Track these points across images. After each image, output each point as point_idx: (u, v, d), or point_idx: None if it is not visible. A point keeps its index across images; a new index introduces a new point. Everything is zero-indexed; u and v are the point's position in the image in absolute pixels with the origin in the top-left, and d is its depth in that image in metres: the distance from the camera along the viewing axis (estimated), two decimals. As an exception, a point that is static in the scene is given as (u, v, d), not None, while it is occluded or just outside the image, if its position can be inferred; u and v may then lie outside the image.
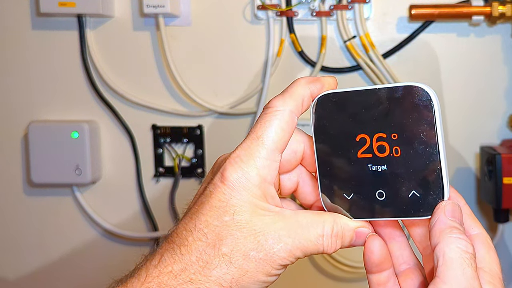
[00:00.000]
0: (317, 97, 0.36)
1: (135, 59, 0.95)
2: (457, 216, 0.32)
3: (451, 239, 0.31)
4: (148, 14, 0.91)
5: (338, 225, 0.35)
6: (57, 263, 1.02)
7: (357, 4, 0.88)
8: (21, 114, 0.98)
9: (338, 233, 0.35)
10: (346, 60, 0.92)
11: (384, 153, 0.34)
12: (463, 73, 0.91)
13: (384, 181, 0.34)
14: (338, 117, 0.35)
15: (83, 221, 1.00)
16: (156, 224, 0.98)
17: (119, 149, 0.98)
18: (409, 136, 0.33)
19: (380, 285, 0.37)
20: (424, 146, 0.33)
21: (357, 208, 0.36)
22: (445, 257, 0.30)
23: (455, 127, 0.92)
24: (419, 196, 0.34)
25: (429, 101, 0.33)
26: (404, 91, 0.34)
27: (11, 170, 1.00)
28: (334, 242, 0.35)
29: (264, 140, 0.35)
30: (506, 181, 0.81)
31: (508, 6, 0.84)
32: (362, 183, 0.35)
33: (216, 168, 0.38)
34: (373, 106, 0.34)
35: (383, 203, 0.35)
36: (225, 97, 0.95)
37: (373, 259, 0.36)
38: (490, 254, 0.34)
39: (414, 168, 0.34)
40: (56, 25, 0.95)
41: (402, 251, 0.37)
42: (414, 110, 0.33)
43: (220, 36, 0.93)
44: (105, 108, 0.96)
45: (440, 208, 0.32)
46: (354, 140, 0.35)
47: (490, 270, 0.33)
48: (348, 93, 0.35)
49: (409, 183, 0.34)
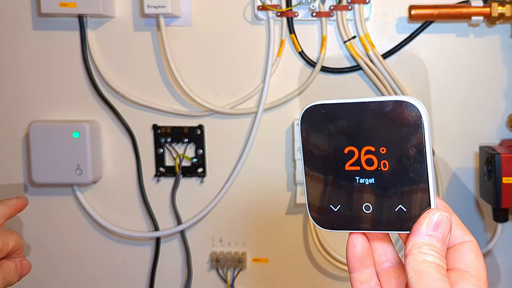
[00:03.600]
0: (305, 108, 0.36)
1: (136, 59, 0.96)
2: (440, 230, 0.33)
3: (419, 254, 0.32)
4: (148, 15, 0.91)
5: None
6: (57, 263, 1.02)
7: (357, 4, 0.88)
8: (22, 114, 0.98)
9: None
10: (346, 60, 0.92)
11: (372, 167, 0.34)
12: (462, 73, 0.91)
13: (371, 195, 0.35)
14: (326, 129, 0.35)
15: (84, 221, 1.01)
16: (157, 224, 0.99)
17: (120, 149, 0.98)
18: (397, 151, 0.34)
19: (362, 284, 0.37)
20: (412, 162, 0.33)
21: (343, 220, 0.36)
22: (414, 269, 0.32)
23: (454, 127, 0.92)
24: (406, 210, 0.34)
25: (419, 117, 0.33)
26: (394, 105, 0.33)
27: (12, 170, 1.00)
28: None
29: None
30: (505, 181, 0.81)
31: (507, 7, 0.84)
32: (349, 196, 0.35)
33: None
34: (362, 119, 0.34)
35: (370, 216, 0.35)
36: (226, 97, 0.95)
37: (356, 253, 0.37)
38: (478, 260, 0.34)
39: (401, 183, 0.34)
40: (57, 25, 0.95)
41: (385, 249, 0.38)
42: (404, 125, 0.33)
43: (220, 36, 0.94)
44: (106, 108, 0.97)
45: (423, 219, 0.33)
46: (342, 152, 0.35)
47: (477, 275, 0.34)
48: (337, 105, 0.35)
49: (396, 198, 0.34)
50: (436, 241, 0.33)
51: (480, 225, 0.95)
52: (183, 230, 0.99)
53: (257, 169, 0.96)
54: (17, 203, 0.67)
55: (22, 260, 0.65)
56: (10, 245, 0.61)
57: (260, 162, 0.95)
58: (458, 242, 0.35)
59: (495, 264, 0.95)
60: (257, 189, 0.97)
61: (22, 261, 0.64)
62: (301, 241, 0.98)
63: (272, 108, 0.94)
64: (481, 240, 0.94)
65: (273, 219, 0.97)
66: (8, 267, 0.61)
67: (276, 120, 0.94)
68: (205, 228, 0.99)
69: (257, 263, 0.99)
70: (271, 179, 0.95)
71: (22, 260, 0.65)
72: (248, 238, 0.99)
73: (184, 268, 1.01)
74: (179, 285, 1.02)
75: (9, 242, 0.62)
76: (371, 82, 0.91)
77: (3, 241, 0.61)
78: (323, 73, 0.93)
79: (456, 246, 0.35)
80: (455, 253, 0.35)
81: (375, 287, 0.37)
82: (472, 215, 0.94)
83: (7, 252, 0.62)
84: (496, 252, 0.94)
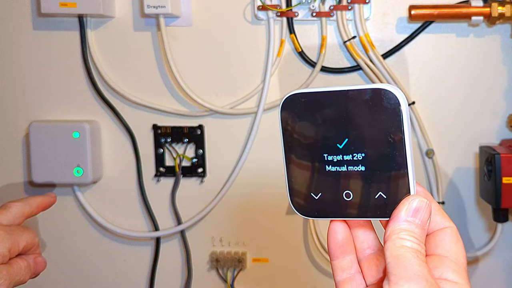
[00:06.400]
0: (285, 97, 0.36)
1: (136, 59, 0.96)
2: (420, 216, 0.33)
3: (397, 240, 0.32)
4: (148, 15, 0.91)
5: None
6: (57, 263, 1.02)
7: (357, 4, 0.89)
8: (22, 114, 0.98)
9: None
10: (346, 60, 0.92)
11: (351, 154, 0.34)
12: (462, 73, 0.91)
13: (351, 182, 0.35)
14: (306, 117, 0.35)
15: (84, 221, 1.01)
16: (157, 224, 0.99)
17: (120, 149, 0.98)
18: (376, 138, 0.34)
19: (343, 271, 0.38)
20: (391, 149, 0.33)
21: (324, 208, 0.36)
22: (393, 254, 0.32)
23: (454, 127, 0.92)
24: (386, 197, 0.34)
25: (397, 105, 0.33)
26: (373, 93, 0.33)
27: (12, 170, 1.00)
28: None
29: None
30: (505, 181, 0.81)
31: (507, 7, 0.84)
32: (329, 184, 0.35)
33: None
34: (342, 107, 0.34)
35: (350, 203, 0.35)
36: (226, 97, 0.95)
37: (337, 240, 0.37)
38: (457, 245, 0.35)
39: (381, 170, 0.34)
40: (57, 25, 0.95)
41: (366, 236, 0.38)
42: (382, 113, 0.33)
43: (220, 36, 0.94)
44: (106, 108, 0.97)
45: (403, 205, 0.33)
46: (322, 140, 0.35)
47: (456, 259, 0.34)
48: (317, 94, 0.35)
49: (376, 185, 0.34)
50: (415, 227, 0.33)
51: (480, 225, 0.95)
52: (183, 230, 0.99)
53: (257, 169, 0.96)
54: (41, 201, 0.67)
55: (36, 257, 0.64)
56: (21, 245, 0.61)
57: (260, 162, 0.95)
58: (438, 228, 0.36)
59: (495, 264, 0.95)
60: (257, 189, 0.97)
61: (36, 258, 0.64)
62: (301, 241, 0.98)
63: (272, 108, 0.94)
64: (481, 240, 0.94)
65: (273, 219, 0.97)
66: (19, 266, 0.61)
67: (276, 120, 0.94)
68: (205, 228, 0.99)
69: (257, 263, 0.99)
70: (271, 179, 0.95)
71: (36, 257, 0.64)
72: (248, 238, 0.99)
73: (184, 268, 1.01)
74: (179, 285, 1.02)
75: (19, 241, 0.61)
76: (371, 82, 0.91)
77: (12, 241, 0.60)
78: (323, 73, 0.93)
79: (436, 232, 0.35)
80: (435, 239, 0.35)
81: (356, 274, 0.38)
82: (472, 215, 0.94)
83: (18, 251, 0.61)
84: (496, 252, 0.94)
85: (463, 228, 0.94)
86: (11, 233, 0.60)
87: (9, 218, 0.62)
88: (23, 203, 0.65)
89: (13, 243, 0.60)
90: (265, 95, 0.92)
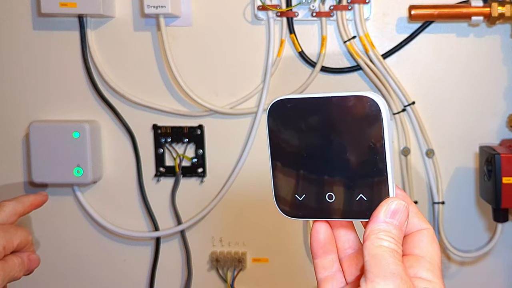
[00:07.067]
0: (272, 102, 0.37)
1: (136, 59, 0.96)
2: (398, 217, 0.35)
3: (376, 240, 0.34)
4: (148, 15, 0.91)
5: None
6: (57, 263, 1.02)
7: (357, 4, 0.89)
8: (22, 114, 0.98)
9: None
10: (346, 60, 0.92)
11: (334, 158, 0.36)
12: (462, 73, 0.91)
13: (333, 185, 0.36)
14: (291, 122, 0.37)
15: (84, 221, 1.01)
16: (157, 224, 0.99)
17: (120, 149, 0.98)
18: (358, 143, 0.35)
19: (325, 269, 0.39)
20: (372, 154, 0.35)
21: (308, 209, 0.37)
22: (370, 253, 0.33)
23: (454, 127, 0.92)
24: (366, 199, 0.35)
25: (378, 112, 0.34)
26: (356, 100, 0.35)
27: (12, 170, 1.00)
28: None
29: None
30: (505, 181, 0.81)
31: (507, 7, 0.84)
32: (313, 186, 0.37)
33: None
34: (326, 113, 0.36)
35: (333, 205, 0.37)
36: (226, 97, 0.95)
37: (319, 240, 0.39)
38: (432, 246, 0.37)
39: (362, 174, 0.35)
40: (57, 25, 0.95)
41: (348, 236, 0.40)
42: (364, 119, 0.35)
43: (220, 36, 0.94)
44: (106, 108, 0.97)
45: (381, 207, 0.35)
46: (307, 144, 0.37)
47: (430, 259, 0.36)
48: (302, 100, 0.36)
49: (357, 187, 0.36)
50: (393, 228, 0.34)
51: (480, 225, 0.95)
52: (183, 230, 0.99)
53: (257, 169, 0.96)
54: (33, 200, 0.69)
55: (30, 254, 0.66)
56: (15, 242, 0.63)
57: (260, 162, 0.95)
58: (416, 230, 0.37)
59: (495, 264, 0.95)
60: (257, 189, 0.97)
61: (30, 256, 0.65)
62: (301, 241, 0.98)
63: (272, 108, 0.94)
64: (481, 240, 0.94)
65: (273, 219, 0.97)
66: (13, 262, 0.63)
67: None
68: (205, 228, 0.99)
69: (257, 263, 0.99)
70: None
71: (30, 254, 0.66)
72: (248, 238, 0.99)
73: (184, 268, 1.01)
74: (179, 285, 1.02)
75: (13, 239, 0.63)
76: (371, 82, 0.91)
77: (7, 239, 0.62)
78: (323, 73, 0.93)
79: (414, 233, 0.37)
80: (413, 240, 0.37)
81: (337, 272, 0.39)
82: (472, 215, 0.94)
83: (12, 249, 0.63)
84: (496, 252, 0.94)
85: (463, 228, 0.94)
86: (6, 231, 0.62)
87: (3, 217, 0.64)
88: (16, 202, 0.67)
89: (8, 241, 0.62)
90: (265, 95, 0.92)
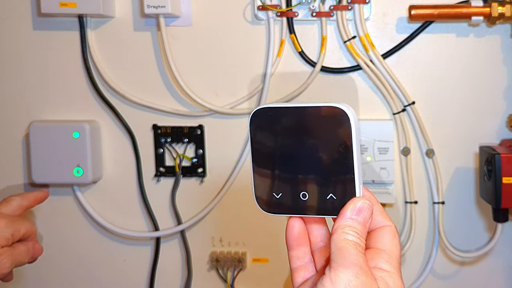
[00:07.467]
0: (253, 111, 0.41)
1: (136, 59, 0.96)
2: (362, 215, 0.39)
3: (342, 234, 0.38)
4: (148, 15, 0.91)
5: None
6: (57, 263, 1.02)
7: (357, 4, 0.89)
8: (22, 114, 0.98)
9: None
10: (346, 60, 0.92)
11: (308, 161, 0.40)
12: (462, 73, 0.91)
13: (307, 185, 0.41)
14: (271, 128, 0.41)
15: (84, 221, 1.01)
16: (157, 224, 0.99)
17: (120, 149, 0.98)
18: (329, 148, 0.40)
19: (299, 259, 0.44)
20: (341, 158, 0.39)
21: (284, 206, 0.42)
22: (336, 245, 0.38)
23: (454, 127, 0.92)
24: (336, 198, 0.40)
25: (347, 120, 0.39)
26: (328, 110, 0.39)
27: (12, 170, 1.00)
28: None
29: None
30: (505, 181, 0.81)
31: (507, 7, 0.84)
32: (289, 186, 0.41)
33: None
34: (302, 121, 0.40)
35: (306, 203, 0.41)
36: (226, 97, 0.95)
37: (293, 233, 0.43)
38: (393, 241, 0.41)
39: (332, 175, 0.40)
40: (57, 25, 0.96)
41: (320, 231, 0.44)
42: (335, 126, 0.39)
43: (220, 36, 0.94)
44: (106, 108, 0.97)
45: (348, 205, 0.39)
46: (284, 149, 0.41)
47: (390, 252, 0.41)
48: (281, 109, 0.41)
49: (327, 188, 0.40)
50: (357, 224, 0.39)
51: (480, 225, 0.95)
52: (183, 230, 0.99)
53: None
54: (36, 196, 0.80)
55: (34, 243, 0.75)
56: (21, 231, 0.73)
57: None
58: (379, 226, 0.42)
59: (495, 264, 0.95)
60: (257, 189, 0.97)
61: (34, 245, 0.75)
62: (301, 241, 0.98)
63: (272, 108, 0.94)
64: (481, 240, 0.94)
65: (273, 219, 0.97)
66: (19, 249, 0.72)
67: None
68: (205, 228, 0.99)
69: (257, 263, 0.99)
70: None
71: (34, 243, 0.75)
72: (248, 238, 0.99)
73: (184, 268, 1.01)
74: (179, 285, 1.02)
75: (20, 228, 0.72)
76: (371, 82, 0.91)
77: (15, 227, 0.72)
78: (323, 73, 0.93)
79: (377, 229, 0.42)
80: (376, 235, 0.42)
81: (309, 262, 0.44)
82: (472, 215, 0.94)
83: (19, 237, 0.73)
84: (496, 252, 0.94)
85: (463, 228, 0.94)
86: (13, 221, 0.72)
87: (10, 209, 0.75)
88: (22, 197, 0.78)
89: (15, 230, 0.72)
90: (265, 95, 0.92)
